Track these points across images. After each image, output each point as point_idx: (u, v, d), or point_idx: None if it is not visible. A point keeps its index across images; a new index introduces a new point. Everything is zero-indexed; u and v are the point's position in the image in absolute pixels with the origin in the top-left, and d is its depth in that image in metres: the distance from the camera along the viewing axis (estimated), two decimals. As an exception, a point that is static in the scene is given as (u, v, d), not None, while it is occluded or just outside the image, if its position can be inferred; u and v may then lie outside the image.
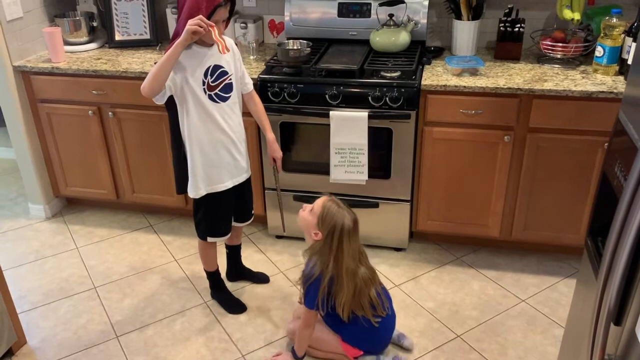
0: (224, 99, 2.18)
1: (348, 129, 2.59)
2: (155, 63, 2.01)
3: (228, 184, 2.30)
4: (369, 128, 2.58)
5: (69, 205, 3.46)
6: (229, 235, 2.43)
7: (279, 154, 2.41)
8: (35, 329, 2.45)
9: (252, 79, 2.38)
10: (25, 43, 3.02)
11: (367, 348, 2.19)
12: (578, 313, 1.68)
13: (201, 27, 1.93)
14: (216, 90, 2.15)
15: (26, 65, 2.93)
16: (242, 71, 2.28)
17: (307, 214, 2.09)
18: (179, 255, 2.95)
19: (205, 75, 2.11)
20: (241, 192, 2.40)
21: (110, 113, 2.94)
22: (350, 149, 2.63)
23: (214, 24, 1.98)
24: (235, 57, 2.22)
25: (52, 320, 2.51)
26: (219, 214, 2.37)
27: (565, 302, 2.52)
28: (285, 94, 2.63)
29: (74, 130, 3.06)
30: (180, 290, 2.69)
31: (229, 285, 2.66)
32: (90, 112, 2.96)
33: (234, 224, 2.46)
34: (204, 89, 2.12)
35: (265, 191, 2.93)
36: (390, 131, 2.61)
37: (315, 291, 2.04)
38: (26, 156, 3.15)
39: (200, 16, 1.95)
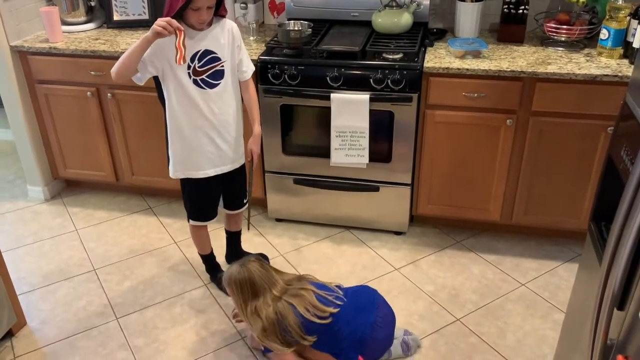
0: (212, 86, 2.11)
1: (349, 112, 2.57)
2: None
3: (209, 172, 2.24)
4: (370, 111, 2.55)
5: (67, 187, 3.45)
6: (212, 219, 2.40)
7: (258, 148, 2.29)
8: (35, 311, 2.45)
9: (252, 60, 2.33)
10: (22, 22, 2.97)
11: (362, 350, 2.05)
12: (580, 297, 1.68)
13: (166, 29, 1.88)
14: (203, 76, 2.08)
15: (23, 45, 2.89)
16: (240, 59, 2.20)
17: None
18: (179, 237, 2.95)
19: (192, 59, 2.05)
20: (229, 181, 2.35)
21: (109, 94, 2.91)
22: (351, 132, 2.61)
23: (182, 29, 1.92)
24: (233, 43, 2.15)
25: (52, 302, 2.51)
26: (200, 200, 2.35)
27: (565, 287, 2.53)
28: (286, 76, 2.60)
29: (73, 111, 3.03)
30: (179, 273, 2.68)
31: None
32: (88, 93, 2.93)
33: (226, 211, 2.45)
34: (189, 72, 2.06)
35: (266, 174, 2.92)
36: (392, 114, 2.58)
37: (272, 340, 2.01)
38: (24, 138, 3.13)
39: (169, 18, 1.89)
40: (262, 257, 2.70)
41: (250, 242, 2.85)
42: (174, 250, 2.86)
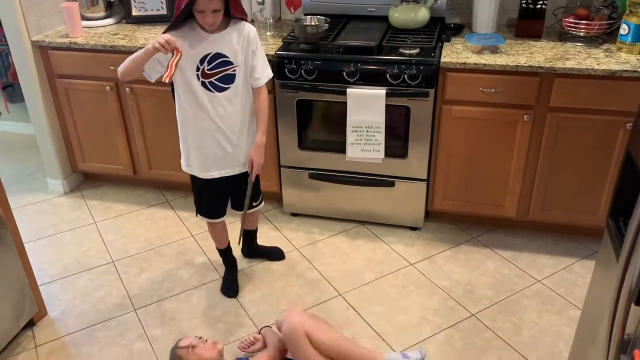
0: (221, 89, 2.07)
1: (365, 107, 2.57)
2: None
3: (214, 174, 2.22)
4: (387, 106, 2.56)
5: (86, 180, 3.50)
6: (220, 218, 2.39)
7: (261, 159, 2.22)
8: (55, 301, 2.50)
9: (268, 55, 2.32)
10: (44, 18, 3.02)
11: None
12: (596, 294, 1.67)
13: (165, 47, 1.88)
14: (212, 79, 2.05)
15: (44, 40, 2.94)
16: (253, 65, 2.12)
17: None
18: (196, 231, 2.98)
19: (202, 61, 2.02)
20: (237, 184, 2.31)
21: (127, 89, 2.94)
22: (367, 127, 2.62)
23: (180, 50, 1.91)
24: (248, 48, 2.09)
25: (72, 293, 2.56)
26: (205, 198, 2.34)
27: (581, 283, 2.51)
28: (302, 71, 2.61)
29: (92, 105, 3.07)
30: (196, 266, 2.72)
31: (244, 262, 2.69)
32: (107, 87, 2.97)
33: (234, 211, 2.43)
34: (198, 74, 2.04)
35: (281, 169, 2.94)
36: (408, 109, 2.59)
37: None
38: (44, 131, 3.18)
39: (169, 37, 1.89)
40: (278, 254, 2.71)
41: (266, 237, 2.88)
42: (191, 243, 2.89)
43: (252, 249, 2.71)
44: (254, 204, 2.42)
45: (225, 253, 2.56)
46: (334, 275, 2.62)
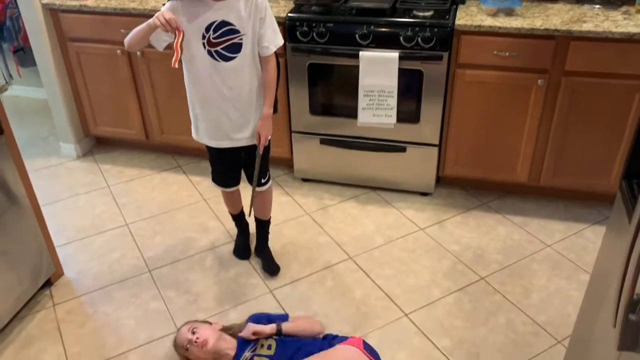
0: (227, 59, 2.00)
1: (378, 71, 2.55)
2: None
3: (223, 144, 2.18)
4: (399, 70, 2.53)
5: (98, 144, 3.52)
6: (232, 188, 2.37)
7: (268, 132, 2.15)
8: (71, 262, 2.55)
9: (279, 18, 2.27)
10: (53, -20, 2.99)
11: None
12: (607, 257, 1.68)
13: (165, 27, 1.85)
14: (217, 48, 1.98)
15: (55, 2, 2.92)
16: (262, 33, 2.02)
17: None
18: (208, 195, 3.01)
19: (207, 30, 1.95)
20: (246, 156, 2.27)
21: (138, 53, 2.93)
22: (380, 92, 2.60)
23: (181, 30, 1.87)
24: (256, 15, 1.98)
25: (87, 255, 2.61)
26: (216, 167, 2.33)
27: (591, 249, 2.52)
28: (314, 34, 2.58)
29: (103, 69, 3.07)
30: (209, 229, 2.75)
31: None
32: (118, 51, 2.96)
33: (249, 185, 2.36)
34: (204, 43, 1.98)
35: (292, 134, 2.94)
36: (421, 73, 2.56)
37: None
38: (57, 96, 3.19)
39: (170, 16, 1.84)
40: (274, 268, 2.49)
41: (277, 202, 2.88)
42: (203, 207, 2.92)
43: (262, 248, 2.53)
44: (262, 180, 2.31)
45: (238, 218, 2.58)
46: (345, 239, 2.65)
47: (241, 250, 2.56)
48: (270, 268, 2.45)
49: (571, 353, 1.90)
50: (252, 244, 2.59)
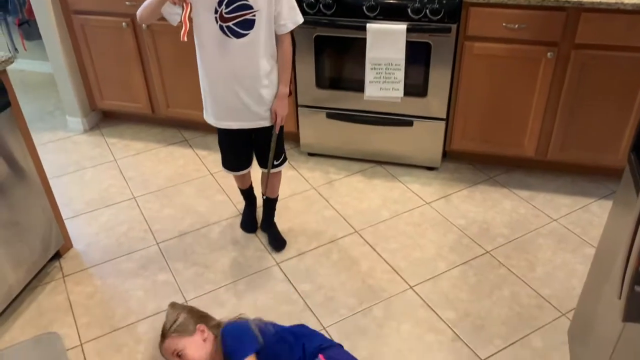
0: (239, 35, 1.94)
1: (385, 43, 2.53)
2: None
3: (230, 124, 2.14)
4: (407, 42, 2.51)
5: (105, 118, 3.53)
6: (242, 171, 2.35)
7: (284, 111, 2.12)
8: (79, 235, 2.58)
9: None
10: (57, -49, 2.96)
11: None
12: (613, 230, 1.68)
13: (173, 0, 1.82)
14: (230, 24, 1.92)
15: (59, -26, 2.90)
16: (279, 11, 1.96)
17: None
18: (214, 169, 3.02)
19: (220, 4, 1.89)
20: (259, 138, 2.23)
21: (144, 25, 2.91)
22: (387, 65, 2.58)
23: (189, 3, 1.83)
24: None
25: (95, 227, 2.63)
26: (225, 149, 2.30)
27: (597, 223, 2.52)
28: (321, 5, 2.55)
29: (108, 42, 3.05)
30: (216, 202, 2.77)
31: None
32: (123, 24, 2.94)
33: (260, 167, 2.35)
34: (216, 17, 1.93)
35: (298, 108, 2.92)
36: (429, 46, 2.53)
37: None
38: (62, 69, 3.18)
39: None
40: (281, 243, 2.48)
41: (283, 176, 2.83)
42: (210, 181, 2.93)
43: (269, 226, 2.53)
44: (276, 162, 2.29)
45: (247, 192, 2.57)
46: (350, 213, 2.66)
47: (248, 223, 2.57)
48: (277, 243, 2.47)
49: (575, 325, 1.92)
50: (260, 217, 2.61)
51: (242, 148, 2.29)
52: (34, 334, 2.08)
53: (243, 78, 2.02)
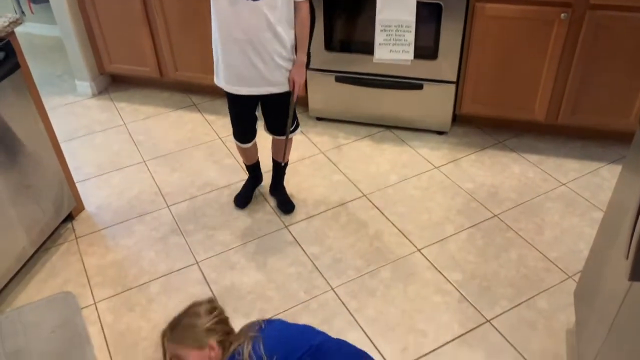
0: None
1: (395, 4, 2.48)
2: None
3: (241, 90, 2.11)
4: (417, 3, 2.46)
5: (114, 82, 3.52)
6: (248, 143, 2.34)
7: (301, 78, 2.11)
8: (91, 198, 2.61)
9: None
10: None
11: None
12: (622, 194, 1.68)
13: None
14: None
15: None
16: None
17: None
18: (223, 133, 3.02)
19: None
20: (270, 105, 2.22)
21: (150, -14, 2.88)
22: (397, 26, 2.54)
23: None
24: None
25: (106, 190, 2.66)
26: (234, 117, 2.28)
27: (606, 187, 2.52)
28: (330, -34, 2.51)
29: (116, 5, 3.02)
30: (225, 166, 2.78)
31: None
32: (130, -15, 2.91)
33: (267, 133, 2.35)
34: None
35: (307, 71, 2.90)
36: (440, 7, 2.49)
37: None
38: (70, 33, 3.17)
39: None
40: (289, 207, 2.49)
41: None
42: (219, 145, 2.94)
43: (278, 191, 2.54)
44: (290, 129, 2.28)
45: (253, 168, 2.54)
46: (359, 177, 2.67)
47: (242, 199, 2.53)
48: (286, 207, 2.48)
49: (581, 287, 1.93)
50: (257, 194, 2.62)
51: (247, 116, 2.27)
52: (48, 294, 2.13)
53: (257, 42, 2.00)
